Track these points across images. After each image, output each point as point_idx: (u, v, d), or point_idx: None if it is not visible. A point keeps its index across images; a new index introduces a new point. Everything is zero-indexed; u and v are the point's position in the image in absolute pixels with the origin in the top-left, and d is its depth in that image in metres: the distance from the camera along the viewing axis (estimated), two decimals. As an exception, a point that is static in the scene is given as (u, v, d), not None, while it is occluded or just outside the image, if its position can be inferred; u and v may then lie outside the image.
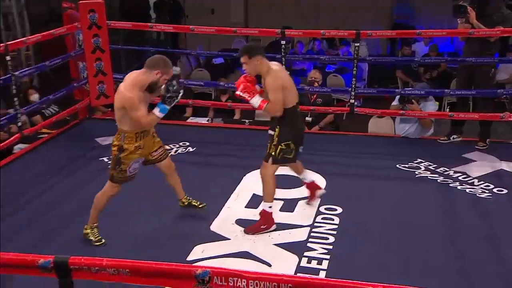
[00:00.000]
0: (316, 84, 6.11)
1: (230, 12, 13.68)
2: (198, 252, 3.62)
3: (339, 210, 4.25)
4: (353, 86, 5.43)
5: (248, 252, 3.64)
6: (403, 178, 4.86)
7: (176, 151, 5.39)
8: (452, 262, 3.61)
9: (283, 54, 5.36)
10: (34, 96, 6.44)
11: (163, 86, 3.48)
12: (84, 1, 5.44)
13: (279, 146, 3.77)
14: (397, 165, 5.09)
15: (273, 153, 3.79)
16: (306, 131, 5.91)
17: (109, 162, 5.03)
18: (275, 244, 3.75)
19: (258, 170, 4.78)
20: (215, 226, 3.96)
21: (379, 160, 5.25)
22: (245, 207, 4.26)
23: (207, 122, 6.52)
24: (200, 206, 4.08)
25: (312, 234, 3.88)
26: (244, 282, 1.55)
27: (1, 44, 4.39)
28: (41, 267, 1.59)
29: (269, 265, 3.51)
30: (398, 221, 4.13)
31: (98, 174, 4.76)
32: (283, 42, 5.33)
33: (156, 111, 3.45)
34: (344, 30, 5.65)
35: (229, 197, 4.41)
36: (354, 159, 5.28)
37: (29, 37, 4.82)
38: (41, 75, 8.76)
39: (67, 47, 6.03)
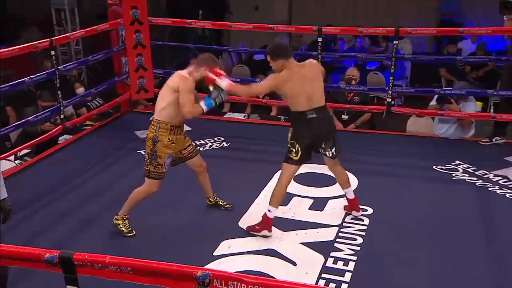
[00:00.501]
0: (353, 82, 5.95)
1: (274, 8, 13.60)
2: (224, 247, 3.60)
3: (370, 210, 4.12)
4: (391, 84, 5.25)
5: (274, 249, 3.58)
6: (439, 180, 4.67)
7: (211, 146, 5.38)
8: (486, 269, 3.44)
9: (319, 52, 5.24)
10: (80, 90, 6.59)
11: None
12: (127, -3, 5.51)
13: (289, 145, 3.67)
14: (434, 167, 4.90)
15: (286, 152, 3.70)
16: (341, 129, 5.86)
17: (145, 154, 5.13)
18: (301, 243, 3.68)
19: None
20: (243, 222, 3.92)
21: (415, 161, 5.07)
22: (275, 204, 4.19)
23: (243, 118, 6.47)
24: (225, 206, 4.06)
25: (340, 234, 3.79)
26: (243, 286, 1.50)
27: (46, 40, 4.50)
28: (47, 261, 1.58)
29: (294, 264, 3.44)
30: (430, 223, 3.97)
31: (134, 167, 4.80)
32: (319, 39, 5.21)
33: (203, 103, 3.51)
34: (383, 28, 5.46)
35: (260, 194, 4.36)
36: (388, 159, 5.11)
37: (73, 32, 4.90)
38: (90, 69, 8.97)
39: (112, 43, 6.12)
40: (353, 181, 4.59)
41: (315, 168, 4.83)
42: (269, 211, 3.66)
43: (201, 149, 5.28)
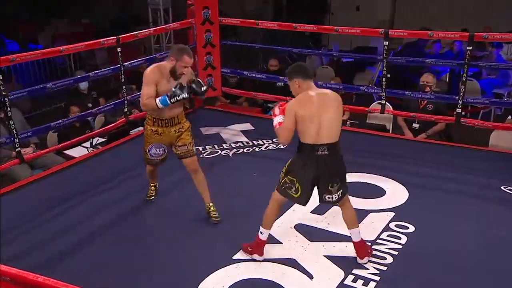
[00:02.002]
0: (428, 89, 5.49)
1: (376, 8, 13.08)
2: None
3: (411, 229, 3.78)
4: (461, 94, 4.77)
5: (295, 260, 3.42)
6: (503, 203, 4.15)
7: (267, 146, 5.29)
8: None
9: (384, 56, 4.91)
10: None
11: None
12: (199, -3, 5.61)
13: (285, 178, 3.24)
14: (502, 187, 4.37)
15: (280, 179, 3.29)
16: (410, 138, 5.47)
17: (203, 151, 5.21)
18: (325, 256, 3.47)
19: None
20: (273, 228, 3.73)
21: (483, 179, 4.55)
22: (311, 212, 4.01)
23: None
24: (214, 218, 3.85)
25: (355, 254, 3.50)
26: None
27: (113, 37, 4.74)
28: None
29: (311, 278, 3.26)
30: (479, 252, 3.52)
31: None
32: (385, 43, 4.88)
33: (158, 100, 3.49)
34: (456, 32, 4.96)
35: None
36: (452, 174, 4.65)
37: (140, 31, 5.08)
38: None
39: (189, 40, 6.27)
40: (403, 194, 4.29)
41: (362, 177, 4.58)
42: (261, 233, 3.37)
43: (256, 149, 5.25)
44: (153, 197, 4.17)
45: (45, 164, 5.12)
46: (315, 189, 3.28)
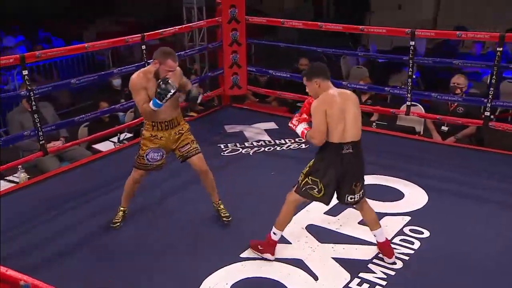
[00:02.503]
0: (458, 91, 5.30)
1: (421, 7, 12.74)
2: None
3: (426, 234, 3.67)
4: (490, 97, 4.58)
5: (302, 260, 3.39)
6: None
7: (289, 146, 5.26)
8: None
9: (410, 57, 4.78)
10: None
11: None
12: (227, -3, 5.64)
13: (306, 179, 3.21)
14: (531, 195, 4.18)
15: (299, 181, 3.27)
16: (439, 142, 5.30)
17: (224, 148, 5.23)
18: (333, 258, 3.42)
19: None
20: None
21: (510, 185, 4.37)
22: (324, 213, 3.95)
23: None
24: (225, 218, 3.81)
25: (380, 255, 3.42)
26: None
27: (138, 35, 4.83)
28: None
29: (316, 279, 3.22)
30: (494, 261, 3.36)
31: (209, 157, 4.89)
32: (411, 43, 4.75)
33: (151, 103, 3.40)
34: (487, 33, 4.76)
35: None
36: (477, 179, 4.48)
37: (165, 30, 5.15)
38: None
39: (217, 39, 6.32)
40: (422, 198, 4.17)
41: (382, 180, 4.48)
42: (274, 233, 3.36)
43: (278, 148, 5.22)
44: (118, 223, 3.80)
45: (73, 157, 5.27)
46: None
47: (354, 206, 3.41)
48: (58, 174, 4.79)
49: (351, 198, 3.26)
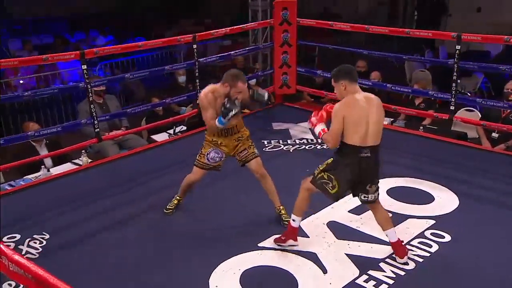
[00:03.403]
0: (511, 97, 5.09)
1: (501, 9, 12.05)
2: (270, 240, 3.60)
3: (447, 238, 3.60)
4: (536, 103, 4.36)
5: (315, 254, 3.46)
6: None
7: (322, 146, 5.29)
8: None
9: (455, 61, 4.65)
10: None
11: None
12: (279, 0, 5.77)
13: (323, 173, 3.28)
14: None
15: (315, 173, 3.35)
16: (488, 149, 5.10)
17: (267, 145, 5.40)
18: (346, 254, 3.46)
19: (391, 179, 4.46)
20: (305, 222, 3.83)
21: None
22: (348, 211, 3.99)
23: (386, 124, 6.07)
24: (284, 221, 3.79)
25: (394, 255, 3.42)
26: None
27: (189, 35, 5.12)
28: None
29: (325, 272, 3.29)
30: (506, 280, 3.22)
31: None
32: (457, 47, 4.62)
33: (216, 121, 3.55)
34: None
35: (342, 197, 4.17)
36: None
37: (217, 30, 5.39)
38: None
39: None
40: (452, 204, 4.08)
41: (417, 183, 4.42)
42: (293, 220, 3.44)
43: (318, 147, 5.29)
44: (171, 210, 4.02)
45: (132, 145, 5.69)
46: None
47: (370, 208, 3.45)
48: (115, 160, 5.21)
49: (364, 197, 3.32)
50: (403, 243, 3.41)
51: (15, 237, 3.72)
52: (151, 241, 3.71)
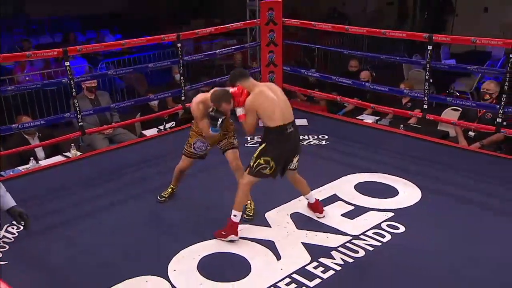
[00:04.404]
0: (487, 97, 5.20)
1: (509, 9, 12.01)
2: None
3: (401, 229, 3.79)
4: (502, 104, 4.49)
5: (273, 241, 3.67)
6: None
7: (310, 142, 5.52)
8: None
9: (427, 61, 4.80)
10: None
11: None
12: (265, 0, 5.99)
13: (258, 160, 3.62)
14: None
15: (251, 164, 3.66)
16: (464, 147, 5.23)
17: (250, 141, 5.63)
18: (302, 242, 3.66)
19: (362, 174, 4.66)
20: (270, 213, 4.07)
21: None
22: (314, 203, 4.20)
23: (371, 122, 6.24)
24: (245, 213, 3.98)
25: (347, 244, 3.62)
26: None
27: (173, 34, 5.38)
28: None
29: (279, 258, 3.50)
30: (455, 270, 3.36)
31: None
32: (429, 47, 4.77)
33: (210, 130, 3.76)
34: (499, 39, 4.62)
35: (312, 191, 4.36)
36: (481, 185, 4.43)
37: (201, 29, 5.64)
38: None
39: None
40: (415, 198, 4.25)
41: (384, 179, 4.60)
42: (234, 215, 3.66)
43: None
44: (165, 199, 4.28)
45: (122, 140, 5.99)
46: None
47: (289, 178, 3.90)
48: (103, 152, 5.51)
49: (290, 166, 3.77)
50: (320, 201, 4.00)
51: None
52: (124, 228, 3.97)
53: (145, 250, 3.68)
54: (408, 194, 4.32)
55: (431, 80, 4.97)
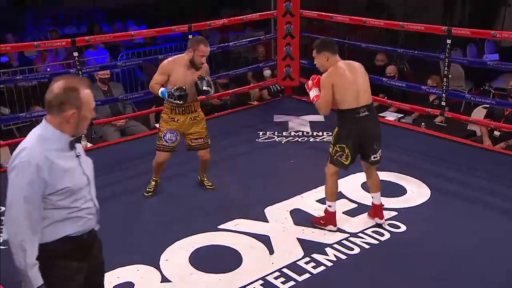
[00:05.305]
0: (514, 94, 5.27)
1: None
2: (232, 224, 4.07)
3: (402, 229, 3.94)
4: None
5: (268, 236, 3.90)
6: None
7: (323, 138, 5.67)
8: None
9: (446, 55, 4.90)
10: (267, 72, 7.58)
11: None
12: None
13: (335, 147, 3.80)
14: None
15: (330, 151, 3.85)
16: (490, 148, 5.28)
17: (262, 136, 5.86)
18: (298, 238, 3.87)
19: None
20: (270, 208, 4.27)
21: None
22: (317, 200, 4.37)
23: (393, 120, 6.35)
24: (208, 186, 4.61)
25: (343, 241, 3.81)
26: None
27: (185, 25, 5.66)
28: None
29: (272, 253, 3.72)
30: (444, 273, 3.48)
31: (243, 143, 5.63)
32: (448, 41, 4.87)
33: (161, 89, 4.15)
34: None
35: (315, 188, 4.54)
36: (498, 187, 4.51)
37: (213, 21, 5.90)
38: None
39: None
40: (423, 198, 4.38)
41: (394, 177, 4.75)
42: (329, 206, 3.92)
43: (311, 139, 5.68)
44: (151, 193, 4.53)
45: (134, 132, 6.33)
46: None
47: (364, 169, 3.99)
48: (113, 144, 5.86)
49: (374, 158, 3.82)
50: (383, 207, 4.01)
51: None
52: (121, 217, 4.27)
53: (141, 240, 3.97)
54: (416, 193, 4.45)
55: (450, 76, 5.06)
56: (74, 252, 2.32)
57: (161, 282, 3.45)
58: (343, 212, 4.20)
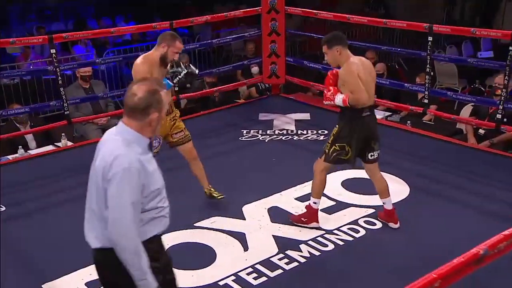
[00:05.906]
0: (498, 92, 5.45)
1: None
2: (208, 222, 4.26)
3: (378, 226, 4.15)
4: (502, 98, 4.74)
5: (243, 234, 4.09)
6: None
7: (307, 137, 5.87)
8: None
9: (428, 53, 5.11)
10: (254, 69, 7.77)
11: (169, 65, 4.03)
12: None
13: (334, 146, 3.92)
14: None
15: (326, 151, 3.97)
16: (474, 146, 5.48)
17: (246, 134, 6.06)
18: (274, 235, 4.06)
19: (352, 170, 5.01)
20: (248, 206, 4.47)
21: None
22: (295, 198, 4.57)
23: (380, 118, 6.52)
24: (219, 197, 4.42)
25: (318, 238, 4.00)
26: None
27: (166, 22, 5.86)
28: None
29: (246, 250, 3.92)
30: (413, 267, 3.56)
31: (226, 142, 5.83)
32: (429, 38, 5.07)
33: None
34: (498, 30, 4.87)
35: (295, 186, 4.75)
36: (477, 186, 4.72)
37: (196, 18, 6.10)
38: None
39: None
40: (402, 195, 4.59)
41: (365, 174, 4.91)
42: (314, 203, 4.06)
43: (295, 138, 5.88)
44: None
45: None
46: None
47: (369, 175, 4.11)
48: (93, 143, 6.03)
49: (371, 156, 3.97)
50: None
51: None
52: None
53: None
54: (395, 191, 4.62)
55: (432, 73, 5.25)
56: (155, 252, 2.41)
57: (135, 279, 3.64)
58: (320, 210, 4.38)
